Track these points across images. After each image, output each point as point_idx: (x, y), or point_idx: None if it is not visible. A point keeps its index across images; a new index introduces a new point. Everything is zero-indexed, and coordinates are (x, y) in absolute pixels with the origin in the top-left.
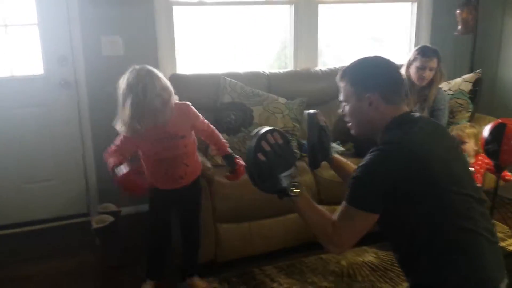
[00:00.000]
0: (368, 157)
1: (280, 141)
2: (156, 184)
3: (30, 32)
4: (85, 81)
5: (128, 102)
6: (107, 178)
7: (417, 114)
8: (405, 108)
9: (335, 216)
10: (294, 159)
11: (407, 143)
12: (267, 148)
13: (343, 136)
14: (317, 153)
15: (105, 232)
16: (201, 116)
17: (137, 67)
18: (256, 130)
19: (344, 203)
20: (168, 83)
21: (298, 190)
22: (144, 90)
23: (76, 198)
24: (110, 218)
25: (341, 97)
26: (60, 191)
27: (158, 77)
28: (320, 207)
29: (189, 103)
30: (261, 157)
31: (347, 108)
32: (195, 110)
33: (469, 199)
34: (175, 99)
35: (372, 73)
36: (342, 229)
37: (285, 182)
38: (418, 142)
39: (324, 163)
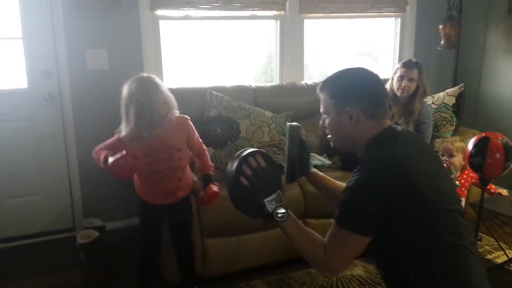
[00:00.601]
0: (354, 177)
1: (263, 164)
2: (148, 198)
3: (14, 46)
4: (70, 95)
5: (132, 109)
6: (92, 192)
7: (399, 128)
8: (388, 123)
9: (325, 239)
10: (279, 182)
11: (393, 162)
12: (249, 172)
13: (329, 149)
14: (296, 168)
15: (90, 248)
16: (196, 133)
17: (144, 75)
18: (237, 153)
19: (334, 225)
20: (170, 95)
21: (285, 215)
22: (146, 97)
23: (61, 213)
24: (96, 233)
25: (321, 110)
26: (44, 206)
27: (160, 86)
28: (308, 225)
29: (188, 117)
30: (244, 181)
31: (327, 120)
32: (192, 124)
33: (456, 214)
34: (176, 112)
35: (353, 86)
36: (334, 253)
37: (269, 207)
38: (403, 159)
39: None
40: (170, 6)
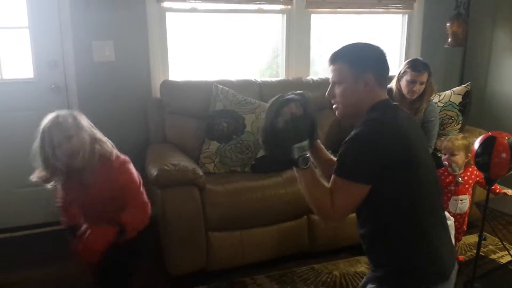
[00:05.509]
0: (355, 131)
1: (301, 112)
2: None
3: (20, 35)
4: (75, 86)
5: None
6: None
7: (395, 103)
8: (386, 95)
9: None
10: (308, 133)
11: (392, 123)
12: (287, 116)
13: (335, 144)
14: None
15: None
16: (135, 179)
17: (62, 112)
18: (278, 95)
19: (334, 176)
20: (86, 135)
21: (308, 162)
22: (50, 134)
23: None
24: None
25: (333, 78)
26: (50, 196)
27: (76, 122)
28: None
29: (129, 160)
30: (281, 123)
31: (338, 89)
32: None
33: (436, 187)
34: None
35: (369, 55)
36: (336, 203)
37: (296, 154)
38: (401, 125)
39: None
40: None
